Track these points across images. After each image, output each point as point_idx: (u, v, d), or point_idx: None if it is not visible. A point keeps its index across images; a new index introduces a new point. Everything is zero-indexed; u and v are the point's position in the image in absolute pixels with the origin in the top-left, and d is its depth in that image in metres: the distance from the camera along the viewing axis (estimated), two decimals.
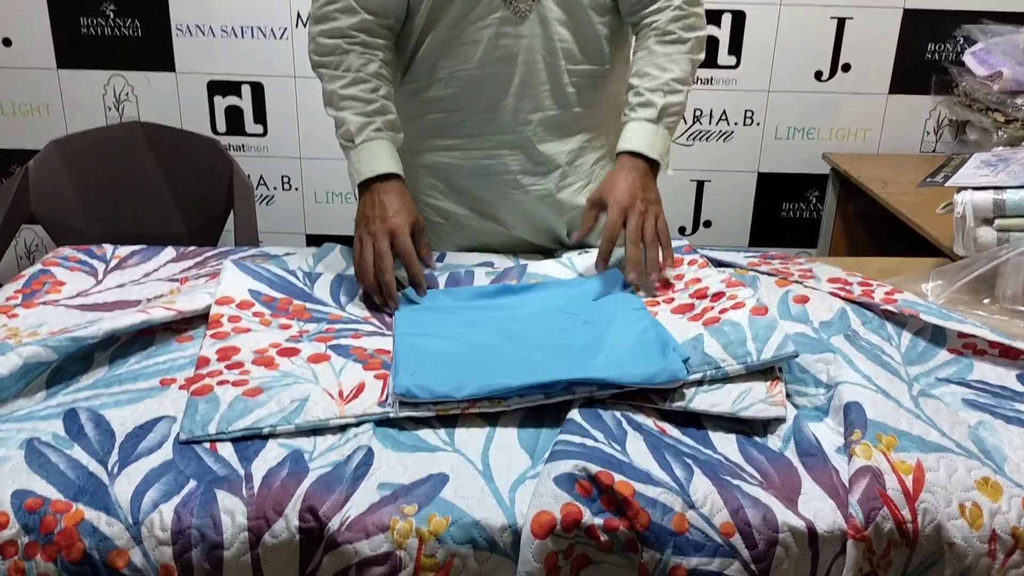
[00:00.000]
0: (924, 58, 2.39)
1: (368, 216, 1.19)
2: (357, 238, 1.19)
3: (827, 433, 0.90)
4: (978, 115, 2.19)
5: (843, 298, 1.15)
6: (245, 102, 2.42)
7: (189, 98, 2.42)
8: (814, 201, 2.56)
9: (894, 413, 0.89)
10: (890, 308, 1.12)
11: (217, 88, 2.41)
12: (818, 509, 0.79)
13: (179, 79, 2.40)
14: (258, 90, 2.41)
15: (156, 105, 2.42)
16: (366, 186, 1.21)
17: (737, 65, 2.40)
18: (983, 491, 0.81)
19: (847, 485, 0.81)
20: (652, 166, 1.21)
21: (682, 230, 2.58)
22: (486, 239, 1.40)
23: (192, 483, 0.81)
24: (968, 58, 2.20)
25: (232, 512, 0.78)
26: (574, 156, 1.35)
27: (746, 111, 2.45)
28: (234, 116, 2.44)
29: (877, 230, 2.34)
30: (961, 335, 1.08)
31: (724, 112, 2.45)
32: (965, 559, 0.79)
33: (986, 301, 1.21)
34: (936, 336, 1.10)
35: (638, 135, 1.21)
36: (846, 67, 2.41)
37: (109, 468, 0.83)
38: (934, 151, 2.50)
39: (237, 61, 2.37)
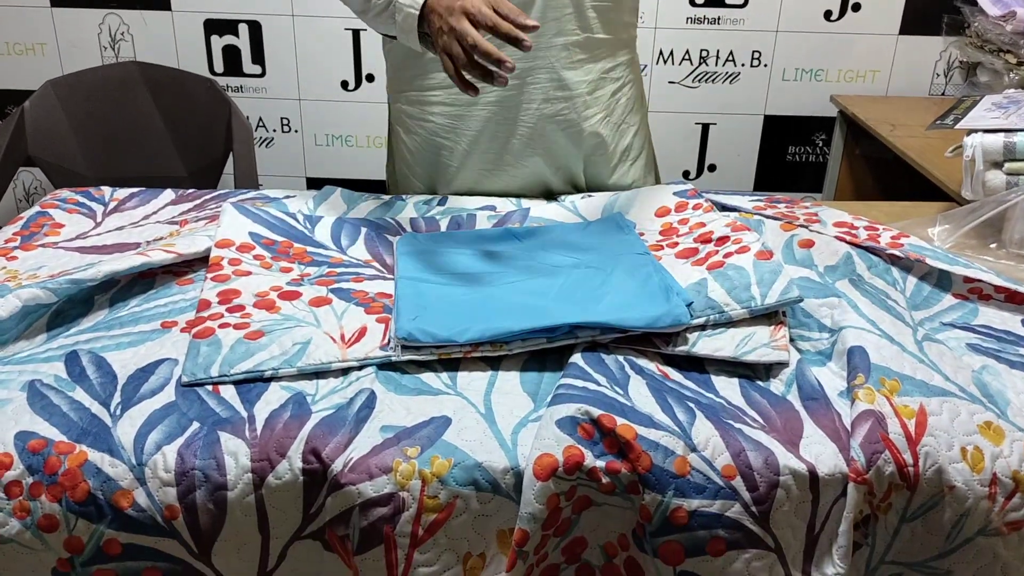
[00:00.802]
0: None
1: (439, 27, 1.05)
2: (442, 51, 1.06)
3: (830, 377, 0.90)
4: (989, 56, 2.15)
5: (849, 242, 1.14)
6: (243, 41, 2.38)
7: (185, 37, 2.38)
8: (820, 144, 2.53)
9: (898, 357, 0.89)
10: (896, 252, 1.11)
11: (214, 27, 2.37)
12: (820, 452, 0.80)
13: (175, 17, 2.36)
14: (255, 29, 2.36)
15: (152, 45, 2.38)
16: (422, 10, 1.09)
17: (745, 4, 2.35)
18: (985, 435, 0.81)
19: (849, 429, 0.81)
20: None
21: (686, 174, 2.55)
22: (501, 183, 1.38)
23: (195, 425, 0.81)
24: None
25: (235, 454, 0.79)
26: (594, 86, 1.33)
27: (753, 52, 2.40)
28: (232, 56, 2.40)
29: (884, 174, 2.32)
30: (967, 280, 1.07)
31: (731, 53, 2.41)
32: (965, 502, 0.79)
33: (993, 246, 1.20)
34: (942, 281, 1.09)
35: None
36: (856, 7, 2.35)
37: (112, 410, 0.83)
38: (944, 94, 2.46)
39: None
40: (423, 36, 1.11)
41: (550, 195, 1.39)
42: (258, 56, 2.40)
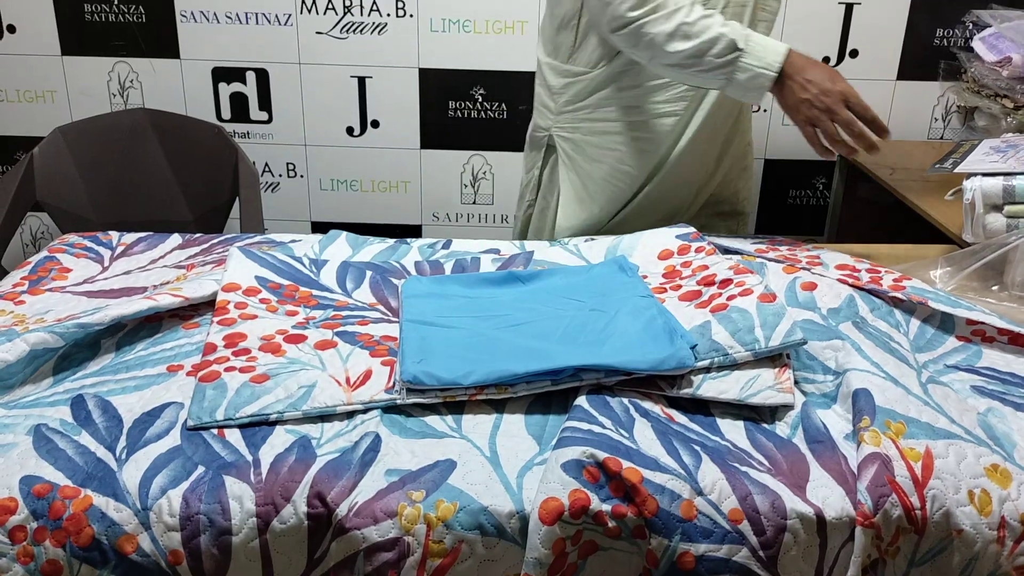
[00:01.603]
0: (932, 44, 2.38)
1: (806, 99, 1.15)
2: (806, 122, 1.17)
3: (835, 420, 0.90)
4: (987, 101, 2.17)
5: (851, 285, 1.15)
6: (250, 89, 2.42)
7: (194, 85, 2.41)
8: (821, 188, 2.55)
9: (903, 400, 0.89)
10: (898, 295, 1.11)
11: (222, 75, 2.40)
12: (826, 496, 0.79)
13: (183, 66, 2.40)
14: (263, 77, 2.40)
15: (161, 92, 2.42)
16: (780, 74, 1.17)
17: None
18: (992, 478, 0.81)
19: (856, 472, 0.81)
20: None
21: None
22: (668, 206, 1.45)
23: (200, 469, 0.81)
24: (977, 44, 2.19)
25: (240, 498, 0.78)
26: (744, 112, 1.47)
27: None
28: (239, 103, 2.43)
29: (885, 217, 2.33)
30: (970, 322, 1.08)
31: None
32: (974, 546, 0.78)
33: (995, 288, 1.20)
34: (945, 323, 1.10)
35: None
36: (854, 53, 2.39)
37: (117, 454, 0.83)
38: (942, 138, 2.48)
39: (241, 47, 2.37)
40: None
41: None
42: (265, 103, 2.43)
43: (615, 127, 1.38)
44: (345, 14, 2.32)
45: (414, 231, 2.57)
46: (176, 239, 1.36)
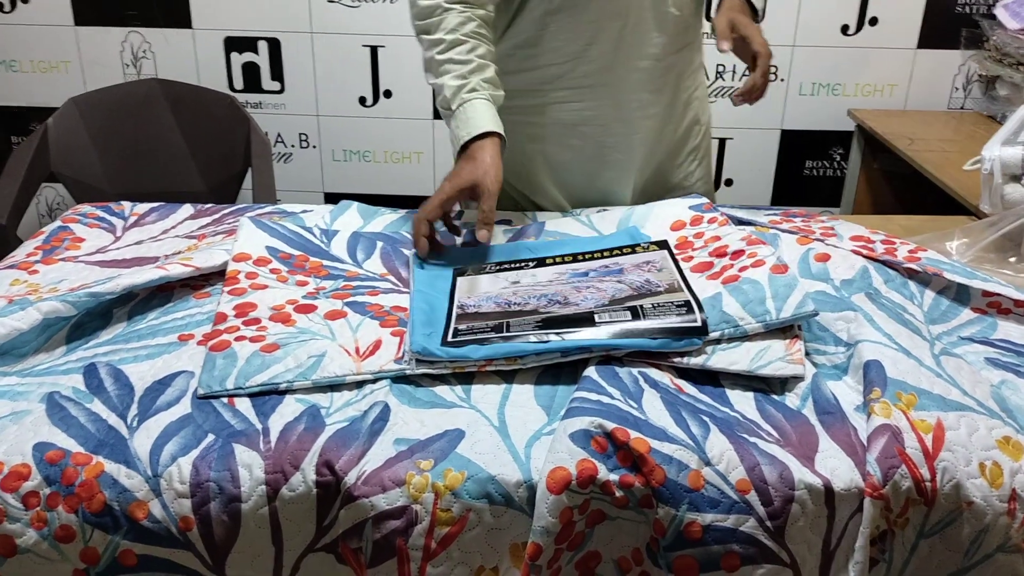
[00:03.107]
0: (954, 11, 2.33)
1: (456, 174, 1.17)
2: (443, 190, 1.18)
3: (846, 391, 0.90)
4: (1008, 70, 2.14)
5: (865, 256, 1.13)
6: (262, 58, 2.41)
7: (206, 55, 2.41)
8: (838, 159, 2.53)
9: (915, 371, 0.88)
10: (913, 266, 1.10)
11: (234, 44, 2.40)
12: (835, 467, 0.79)
13: (196, 35, 2.39)
14: (275, 46, 2.39)
15: (173, 62, 2.41)
16: (464, 147, 1.18)
17: (761, 18, 2.35)
18: (1004, 450, 0.80)
19: (865, 443, 0.80)
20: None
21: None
22: (601, 185, 1.42)
23: (210, 437, 0.82)
24: (999, 11, 2.14)
25: (250, 466, 0.79)
26: (677, 97, 1.39)
27: (771, 66, 2.40)
28: (251, 73, 2.43)
29: (902, 188, 2.30)
30: (986, 294, 1.06)
31: (747, 67, 2.40)
32: (984, 518, 0.78)
33: (1012, 259, 1.19)
34: (960, 295, 1.08)
35: None
36: (873, 21, 2.35)
37: (128, 422, 0.84)
38: (962, 108, 2.44)
39: (253, 17, 2.36)
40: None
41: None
42: (277, 73, 2.42)
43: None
44: None
45: None
46: (188, 209, 1.37)
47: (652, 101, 1.37)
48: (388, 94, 2.41)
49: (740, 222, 1.26)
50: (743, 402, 0.89)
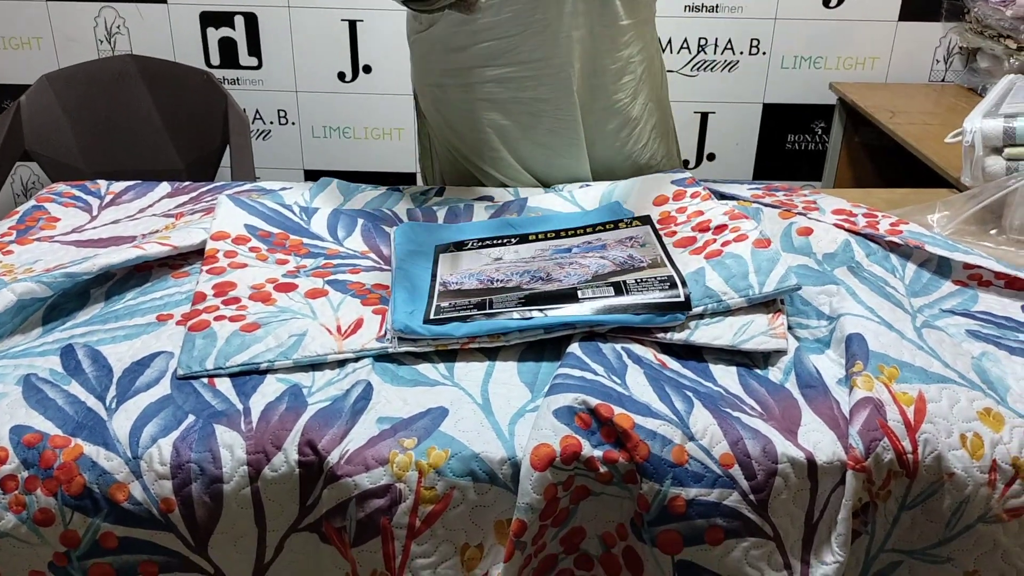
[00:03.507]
0: None
1: None
2: None
3: (828, 365, 0.90)
4: (989, 42, 2.14)
5: (847, 230, 1.13)
6: (239, 34, 2.37)
7: (181, 30, 2.37)
8: (820, 132, 2.53)
9: (896, 344, 0.89)
10: (895, 239, 1.10)
11: (210, 19, 2.36)
12: (818, 440, 0.79)
13: (171, 10, 2.35)
14: (252, 21, 2.36)
15: (148, 38, 2.37)
16: None
17: None
18: (985, 421, 0.81)
19: (847, 416, 0.80)
20: None
21: (685, 163, 2.55)
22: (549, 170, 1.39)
23: (190, 418, 0.81)
24: None
25: (231, 446, 0.78)
26: (621, 72, 1.34)
27: (752, 40, 2.40)
28: (228, 48, 2.39)
29: (884, 161, 2.31)
30: (967, 266, 1.07)
31: (729, 41, 2.40)
32: (965, 489, 0.79)
33: (993, 232, 1.19)
34: (941, 267, 1.09)
35: None
36: None
37: (107, 403, 0.83)
38: (943, 80, 2.45)
39: None
40: None
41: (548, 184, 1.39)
42: (254, 48, 2.39)
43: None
44: None
45: (407, 179, 2.55)
46: (165, 187, 1.35)
47: (589, 72, 1.33)
48: (368, 69, 2.38)
49: (722, 196, 1.26)
50: (726, 377, 0.89)
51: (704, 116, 2.49)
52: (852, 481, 0.77)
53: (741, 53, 2.41)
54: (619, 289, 0.95)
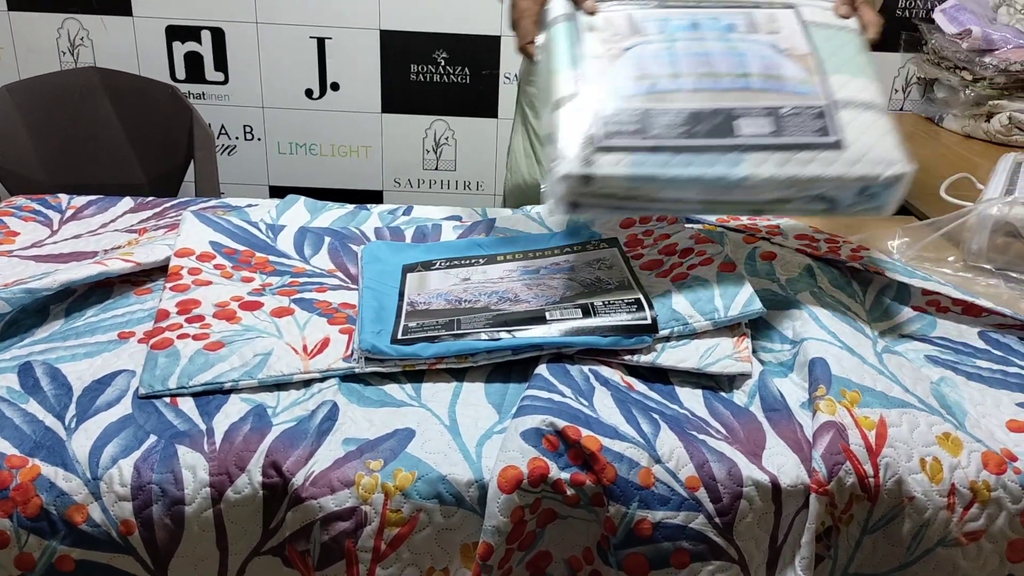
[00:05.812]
0: (894, 15, 2.39)
1: None
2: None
3: (792, 389, 0.91)
4: (946, 73, 2.19)
5: (809, 255, 1.15)
6: (205, 48, 2.36)
7: (147, 43, 2.34)
8: None
9: (858, 369, 0.90)
10: (856, 265, 1.12)
11: (176, 33, 2.34)
12: (782, 464, 0.80)
13: (136, 23, 2.33)
14: (219, 36, 2.34)
15: (112, 50, 2.34)
16: None
17: None
18: (944, 446, 0.82)
19: (811, 440, 0.81)
20: None
21: None
22: None
23: (152, 438, 0.80)
24: (938, 15, 2.20)
25: (193, 467, 0.77)
26: None
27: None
28: (194, 63, 2.37)
29: None
30: (925, 292, 1.09)
31: None
32: (925, 512, 0.80)
33: (951, 259, 1.22)
34: (901, 293, 1.11)
35: None
36: None
37: (66, 423, 0.81)
38: (902, 109, 2.50)
39: (197, 5, 2.30)
40: None
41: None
42: (221, 63, 2.37)
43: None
44: None
45: (375, 197, 2.54)
46: (128, 202, 1.33)
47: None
48: (335, 87, 2.38)
49: (689, 220, 1.27)
50: (692, 399, 0.89)
51: None
52: (815, 504, 0.78)
53: None
54: (587, 311, 0.95)
